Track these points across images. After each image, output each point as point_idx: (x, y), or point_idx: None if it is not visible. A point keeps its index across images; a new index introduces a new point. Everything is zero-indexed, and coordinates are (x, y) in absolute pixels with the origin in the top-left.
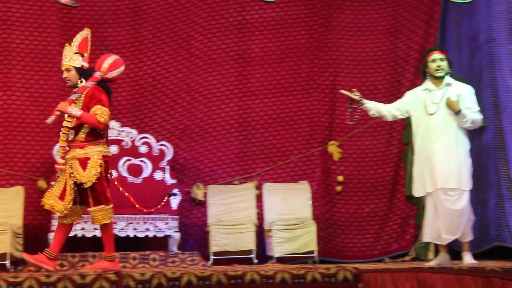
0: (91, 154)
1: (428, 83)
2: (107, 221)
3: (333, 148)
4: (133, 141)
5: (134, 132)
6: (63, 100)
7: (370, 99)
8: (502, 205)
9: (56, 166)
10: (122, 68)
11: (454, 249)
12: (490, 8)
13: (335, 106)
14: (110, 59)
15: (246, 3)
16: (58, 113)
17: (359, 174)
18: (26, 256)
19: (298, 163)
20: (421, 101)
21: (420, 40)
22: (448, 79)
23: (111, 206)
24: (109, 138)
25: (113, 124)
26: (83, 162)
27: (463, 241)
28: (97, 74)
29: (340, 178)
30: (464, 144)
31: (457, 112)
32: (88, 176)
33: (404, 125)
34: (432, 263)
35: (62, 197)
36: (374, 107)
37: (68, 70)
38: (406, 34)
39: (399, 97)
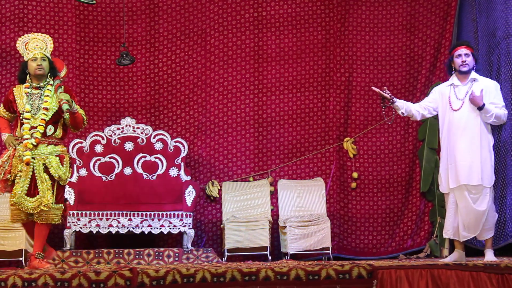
0: (65, 152)
1: (453, 79)
2: (59, 221)
3: (348, 145)
4: (148, 138)
5: (149, 128)
6: (79, 96)
7: None
8: None
9: (27, 158)
10: None
11: (469, 246)
12: (507, 4)
13: (351, 102)
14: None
15: None
16: (66, 102)
17: (374, 170)
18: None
19: (313, 160)
20: (446, 96)
21: (436, 36)
22: (473, 74)
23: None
24: (124, 135)
25: (129, 121)
26: (61, 159)
27: (486, 238)
28: (61, 76)
29: (355, 174)
30: (488, 140)
31: (480, 107)
32: (66, 174)
33: (419, 122)
34: (447, 260)
35: (32, 193)
36: (404, 106)
37: (43, 59)
38: (422, 30)
39: (415, 94)
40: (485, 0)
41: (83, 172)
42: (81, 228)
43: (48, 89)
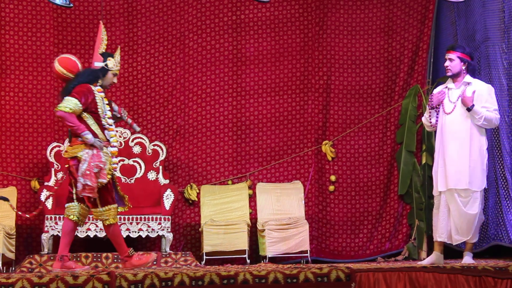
0: None
1: (449, 81)
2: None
3: (327, 148)
4: (126, 142)
5: (127, 132)
6: (57, 101)
7: (365, 99)
8: (500, 204)
9: (115, 166)
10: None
11: (448, 248)
12: (485, 7)
13: (329, 105)
14: None
15: (240, 3)
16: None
17: (352, 173)
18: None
19: (292, 163)
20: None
21: (414, 39)
22: (468, 78)
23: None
24: None
25: None
26: None
27: (469, 241)
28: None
29: (333, 177)
30: (480, 144)
31: (469, 109)
32: None
33: (397, 125)
34: (425, 262)
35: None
36: (435, 116)
37: None
38: (400, 34)
39: (393, 97)
40: (463, 4)
41: (61, 175)
42: (59, 232)
43: (104, 97)
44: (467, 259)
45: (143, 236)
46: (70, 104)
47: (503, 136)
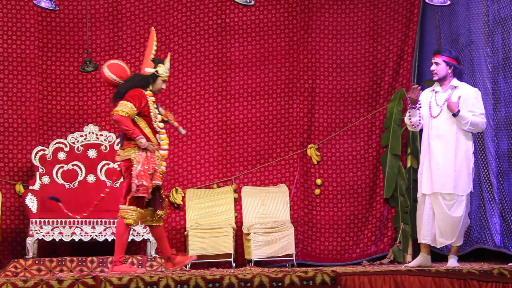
0: None
1: (436, 85)
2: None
3: (312, 151)
4: (111, 145)
5: (112, 136)
6: (41, 103)
7: (350, 102)
8: (483, 207)
9: (163, 169)
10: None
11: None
12: (469, 11)
13: (314, 109)
14: None
15: (226, 6)
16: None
17: (338, 177)
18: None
19: (277, 166)
20: (427, 102)
21: (399, 43)
22: (454, 82)
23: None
24: (87, 142)
25: (92, 128)
26: None
27: (454, 245)
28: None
29: (319, 181)
30: (466, 148)
31: (455, 114)
32: None
33: (382, 128)
34: (412, 264)
35: None
36: (417, 115)
37: None
38: (385, 37)
39: (378, 100)
40: (447, 7)
41: (45, 179)
42: (43, 236)
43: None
44: (452, 262)
45: (129, 240)
46: (125, 108)
47: (488, 139)
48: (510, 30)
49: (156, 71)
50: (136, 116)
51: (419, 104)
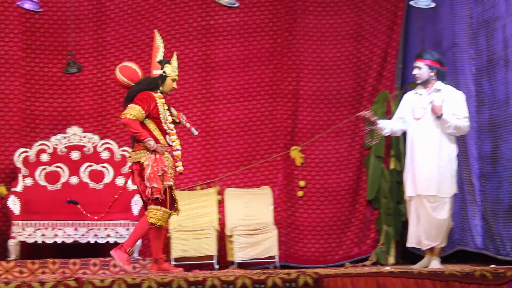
0: None
1: (420, 87)
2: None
3: (296, 153)
4: (95, 147)
5: (96, 137)
6: (24, 105)
7: (333, 104)
8: (465, 209)
9: (181, 169)
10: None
11: (414, 253)
12: (453, 13)
13: (298, 111)
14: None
15: (210, 8)
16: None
17: (321, 179)
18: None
19: (261, 168)
20: (411, 105)
21: (383, 45)
22: (438, 85)
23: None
24: (71, 144)
25: (75, 129)
26: None
27: (437, 246)
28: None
29: (302, 183)
30: (450, 151)
31: (438, 117)
32: None
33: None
34: (415, 266)
35: None
36: (387, 126)
37: None
38: (369, 40)
39: (362, 102)
40: (431, 10)
41: (28, 181)
42: (26, 238)
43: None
44: (435, 264)
45: (111, 242)
46: (133, 111)
47: (470, 141)
48: (493, 33)
49: (164, 71)
50: (146, 119)
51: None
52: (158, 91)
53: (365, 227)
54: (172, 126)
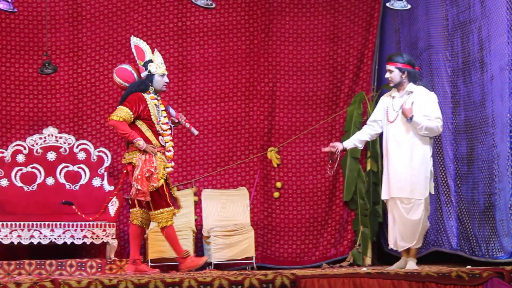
0: None
1: (394, 90)
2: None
3: (272, 154)
4: (71, 148)
5: (72, 138)
6: (1, 106)
7: (310, 105)
8: (440, 210)
9: (170, 170)
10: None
11: (393, 254)
12: (429, 15)
13: (275, 112)
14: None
15: (186, 9)
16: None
17: (298, 180)
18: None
19: (237, 169)
20: (385, 107)
21: (359, 46)
22: (410, 87)
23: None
24: (47, 144)
25: (51, 130)
26: None
27: (413, 247)
28: None
29: (279, 184)
30: (424, 152)
31: (409, 119)
32: None
33: (342, 132)
34: (392, 267)
35: None
36: (356, 143)
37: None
38: (345, 41)
39: (338, 103)
40: (407, 12)
41: (4, 182)
42: (1, 239)
43: (161, 103)
44: (411, 265)
45: (88, 243)
46: (120, 113)
47: (446, 143)
48: (469, 35)
49: (149, 71)
50: (138, 120)
51: (343, 150)
52: (151, 91)
53: (342, 228)
54: (165, 127)
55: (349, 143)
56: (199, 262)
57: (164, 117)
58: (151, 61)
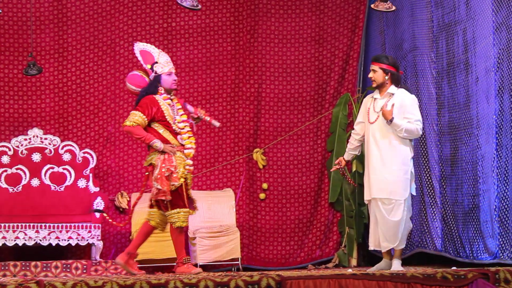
0: None
1: (376, 91)
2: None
3: (258, 156)
4: (56, 149)
5: (57, 139)
6: None
7: (295, 107)
8: (424, 211)
9: (190, 168)
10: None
11: (375, 255)
12: (414, 16)
13: (260, 113)
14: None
15: (172, 10)
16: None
17: (283, 181)
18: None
19: (223, 171)
20: (367, 108)
21: (345, 48)
22: (391, 89)
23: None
24: (31, 146)
25: (36, 131)
26: None
27: (396, 248)
28: None
29: (265, 185)
30: (404, 154)
31: (389, 122)
32: None
33: (328, 133)
34: (372, 269)
35: None
36: (352, 153)
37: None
38: (331, 42)
39: (324, 105)
40: (392, 13)
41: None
42: None
43: (177, 102)
44: (396, 266)
45: (73, 245)
46: (133, 117)
47: (431, 144)
48: (454, 36)
49: (155, 72)
50: (154, 122)
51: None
52: (162, 92)
53: (328, 229)
54: (182, 125)
55: (347, 156)
56: (191, 270)
57: (181, 115)
58: (156, 62)
